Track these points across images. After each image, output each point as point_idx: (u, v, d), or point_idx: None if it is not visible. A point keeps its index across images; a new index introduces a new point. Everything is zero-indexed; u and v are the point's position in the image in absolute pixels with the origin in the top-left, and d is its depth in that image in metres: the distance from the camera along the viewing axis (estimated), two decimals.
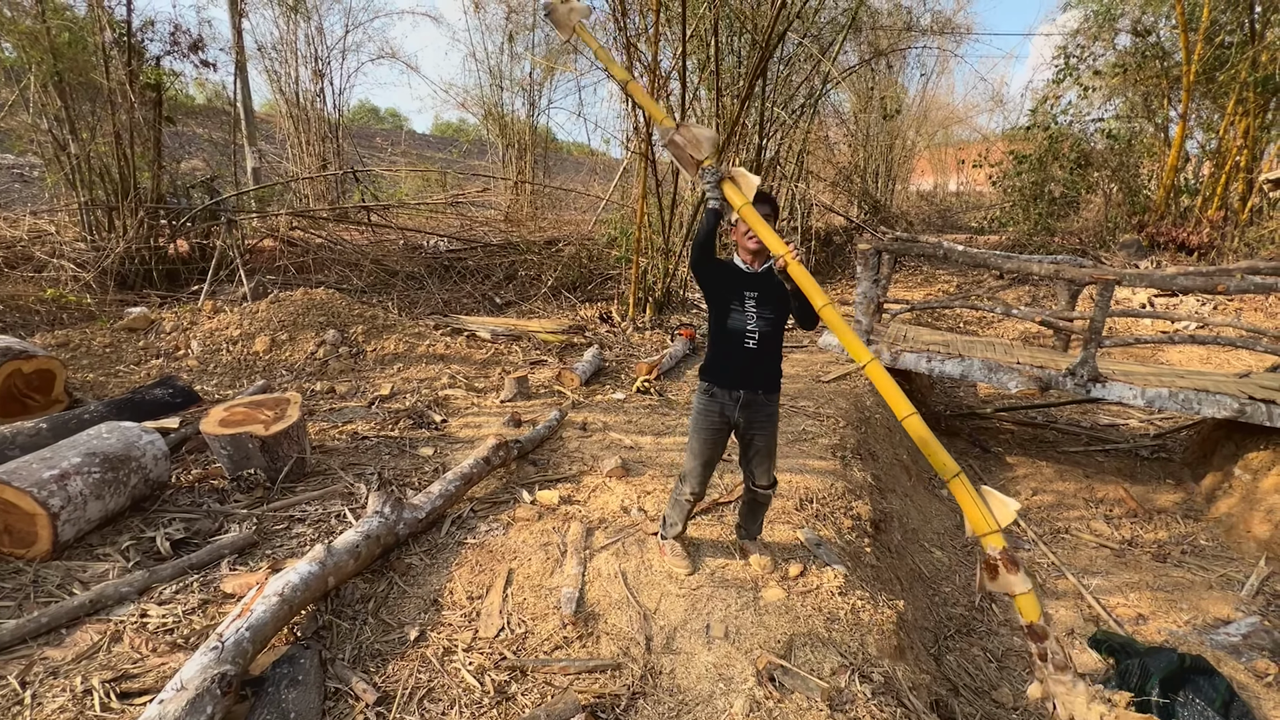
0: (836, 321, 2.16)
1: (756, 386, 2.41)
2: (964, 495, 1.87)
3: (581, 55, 11.55)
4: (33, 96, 6.72)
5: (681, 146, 2.35)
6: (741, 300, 2.38)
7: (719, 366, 2.45)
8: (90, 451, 2.77)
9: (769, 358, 2.41)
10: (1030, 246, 11.57)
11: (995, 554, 1.85)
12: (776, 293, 2.38)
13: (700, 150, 2.34)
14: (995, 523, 1.86)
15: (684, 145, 2.34)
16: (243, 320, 5.46)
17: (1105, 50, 12.02)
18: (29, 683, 1.94)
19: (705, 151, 2.33)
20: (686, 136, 2.34)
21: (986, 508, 1.86)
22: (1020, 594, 1.86)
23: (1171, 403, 4.71)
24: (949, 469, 1.91)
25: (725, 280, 2.40)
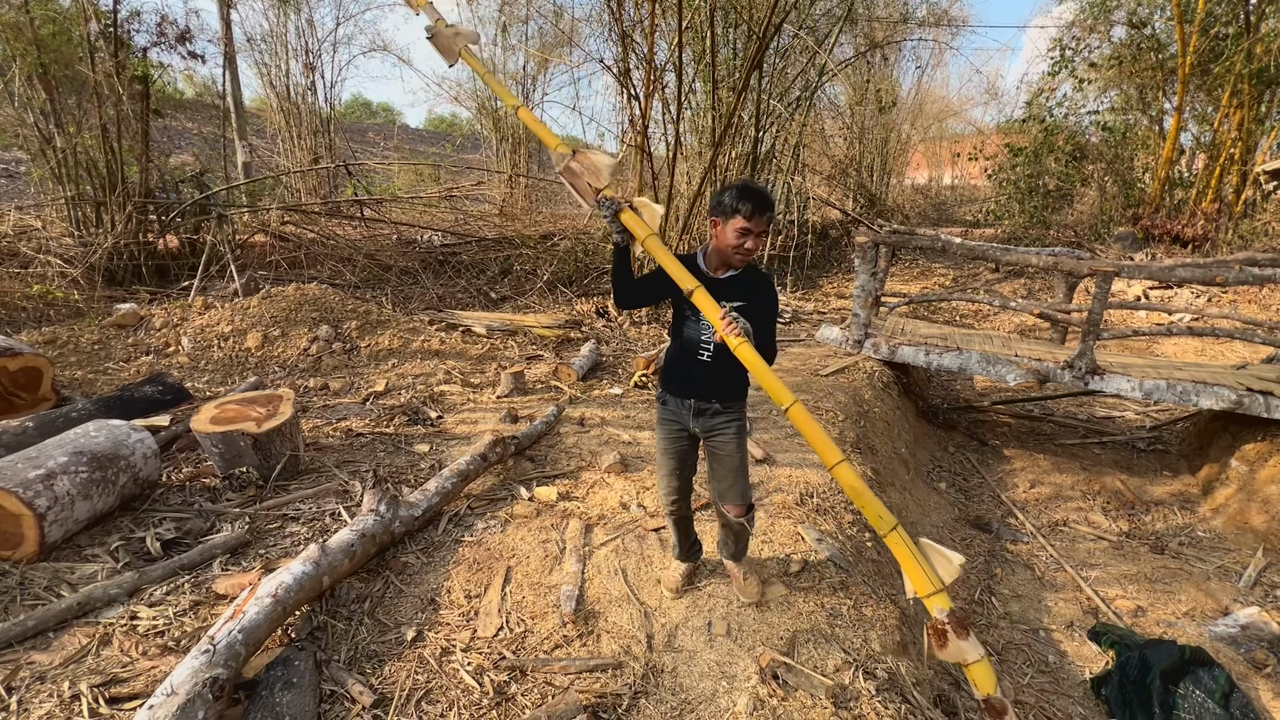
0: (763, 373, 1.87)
1: (711, 396, 2.14)
2: (902, 551, 1.66)
3: (577, 48, 11.45)
4: (17, 90, 6.59)
5: (578, 175, 2.09)
6: (696, 309, 2.02)
7: (670, 374, 2.23)
8: (78, 450, 2.71)
9: (728, 369, 2.06)
10: (1025, 240, 11.58)
11: (942, 617, 1.62)
12: (745, 295, 2.07)
13: (599, 178, 2.08)
14: (939, 581, 1.64)
15: (581, 173, 2.09)
16: (234, 316, 5.38)
17: (1101, 43, 12.01)
18: (15, 688, 1.89)
19: (604, 179, 2.08)
20: (584, 163, 2.09)
21: (929, 564, 1.65)
22: (972, 663, 1.62)
23: (1169, 395, 4.71)
24: (885, 521, 1.69)
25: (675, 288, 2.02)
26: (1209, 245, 10.13)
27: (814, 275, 11.25)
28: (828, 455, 1.77)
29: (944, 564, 1.67)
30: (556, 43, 12.22)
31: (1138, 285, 9.59)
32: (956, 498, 4.82)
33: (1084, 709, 2.83)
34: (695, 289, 1.91)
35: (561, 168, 2.13)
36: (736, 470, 2.21)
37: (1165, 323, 8.01)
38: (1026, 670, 3.05)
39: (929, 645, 1.67)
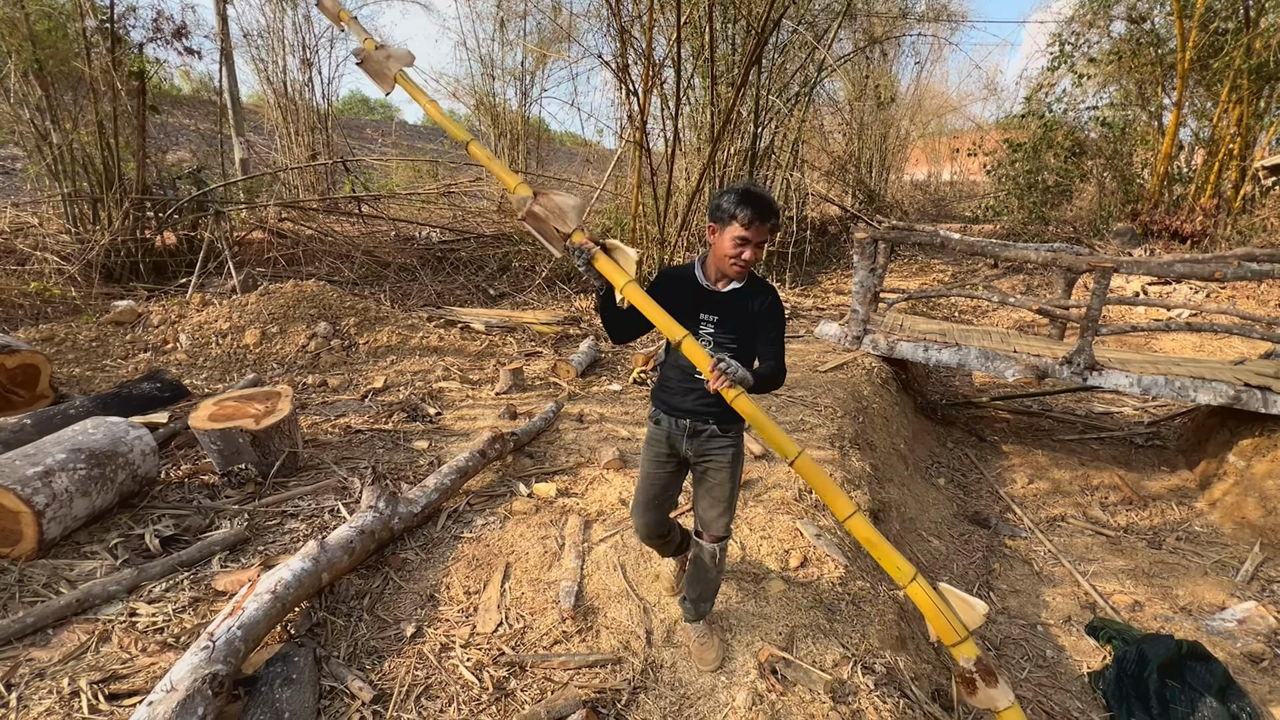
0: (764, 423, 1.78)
1: (708, 418, 1.98)
2: (924, 600, 1.62)
3: (575, 43, 11.41)
4: (13, 86, 6.56)
5: (543, 219, 1.93)
6: (696, 324, 1.91)
7: (664, 392, 2.06)
8: (76, 447, 2.71)
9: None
10: (1024, 235, 11.58)
11: (969, 665, 1.59)
12: (743, 316, 1.91)
13: (565, 221, 1.92)
14: (963, 628, 1.60)
15: (546, 217, 1.93)
16: (232, 313, 5.37)
17: (1100, 37, 11.98)
18: (14, 685, 1.89)
19: (571, 222, 1.92)
20: (548, 206, 1.93)
21: (951, 612, 1.61)
22: (1003, 710, 1.58)
23: (1167, 390, 4.71)
24: (904, 572, 1.64)
25: (673, 301, 1.86)
26: (1207, 241, 10.13)
27: (813, 271, 11.24)
28: (839, 508, 1.70)
29: (966, 610, 1.63)
30: (555, 38, 12.18)
31: (1136, 281, 9.60)
32: (955, 493, 4.83)
33: (1081, 703, 2.84)
34: (684, 338, 1.77)
35: (524, 213, 1.97)
36: (726, 500, 2.05)
37: (1164, 318, 8.02)
38: (1025, 665, 3.06)
39: (957, 692, 1.66)
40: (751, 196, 1.79)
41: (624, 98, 8.26)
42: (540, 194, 1.96)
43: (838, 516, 1.70)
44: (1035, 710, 2.76)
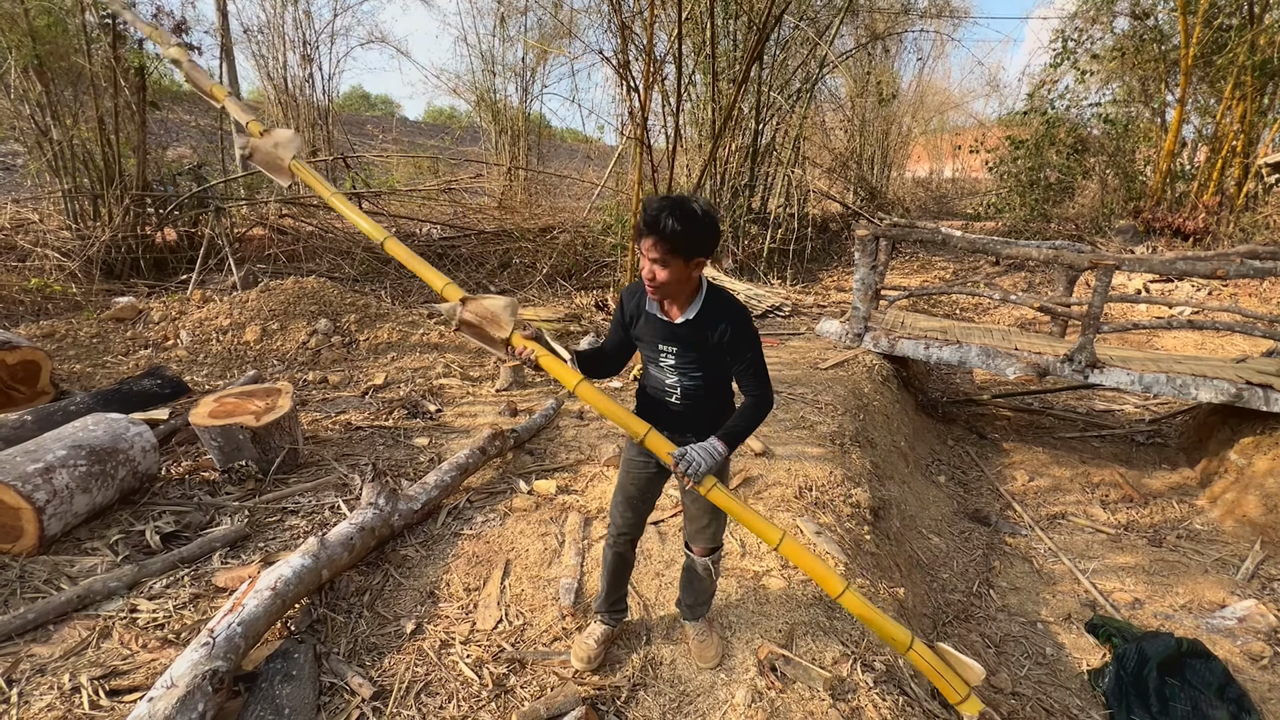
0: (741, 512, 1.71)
1: (686, 432, 1.83)
2: (925, 665, 1.64)
3: (576, 39, 11.38)
4: (13, 82, 6.54)
5: (477, 325, 1.81)
6: (656, 354, 1.80)
7: (641, 403, 1.97)
8: (76, 444, 2.71)
9: (704, 409, 1.84)
10: (1026, 233, 11.55)
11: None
12: (703, 347, 1.73)
13: (500, 325, 1.79)
14: (964, 686, 1.65)
15: (479, 322, 1.80)
16: (232, 310, 5.37)
17: (1103, 34, 11.93)
18: (15, 680, 1.90)
19: (507, 324, 1.80)
20: (478, 311, 1.81)
21: (952, 671, 1.64)
22: None
23: (1168, 388, 4.71)
24: (902, 640, 1.65)
25: (635, 325, 1.83)
26: (1210, 238, 10.10)
27: (814, 268, 11.22)
28: (831, 586, 1.68)
29: (966, 670, 1.65)
30: (556, 34, 12.14)
31: (1138, 278, 9.58)
32: (955, 491, 4.83)
33: (1081, 700, 2.84)
34: (646, 434, 1.71)
35: (455, 323, 1.84)
36: (710, 512, 1.94)
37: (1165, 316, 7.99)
38: (1024, 662, 3.06)
39: None
40: (647, 207, 1.60)
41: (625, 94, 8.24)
42: (468, 300, 1.84)
43: (830, 594, 1.68)
44: (1035, 708, 2.76)
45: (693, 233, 1.57)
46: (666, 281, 1.64)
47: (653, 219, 1.57)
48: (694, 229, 1.57)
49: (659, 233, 1.56)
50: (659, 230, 1.56)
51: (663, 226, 1.55)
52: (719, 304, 1.73)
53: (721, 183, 9.83)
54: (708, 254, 1.65)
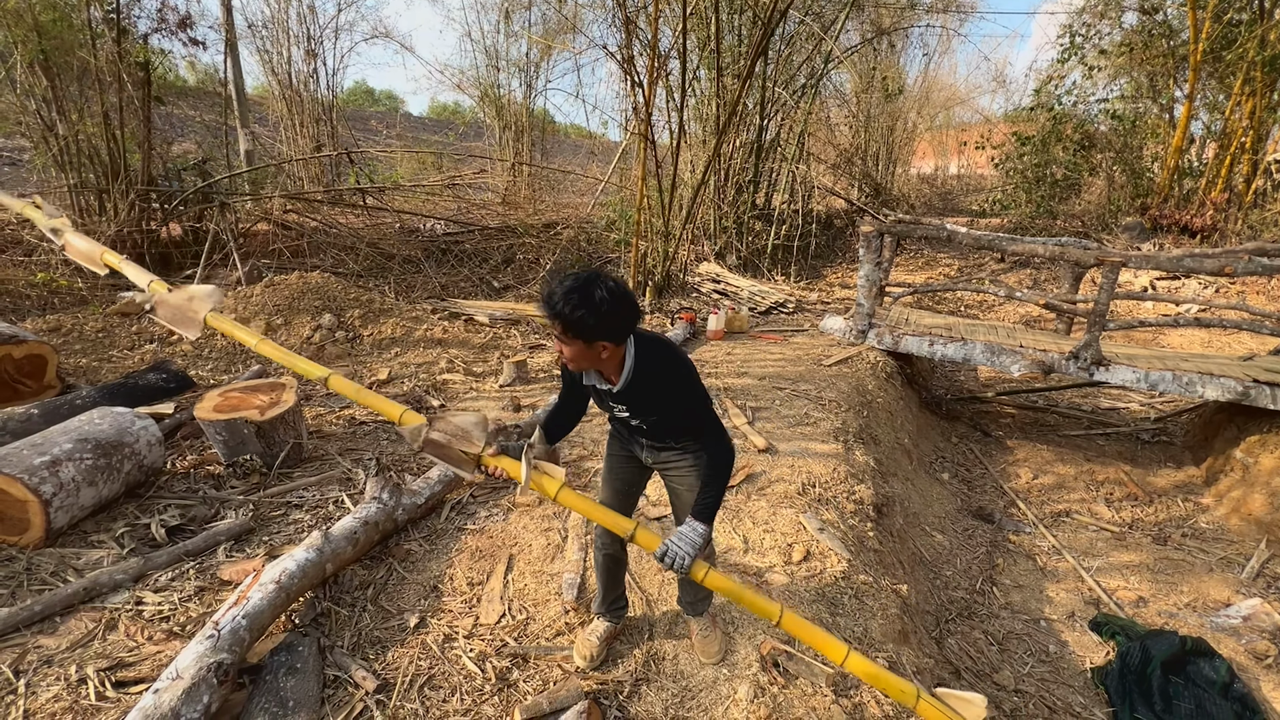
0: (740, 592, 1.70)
1: (665, 439, 1.87)
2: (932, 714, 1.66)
3: (580, 34, 11.34)
4: (19, 77, 6.56)
5: (446, 444, 1.74)
6: (610, 409, 1.83)
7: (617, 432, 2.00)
8: (82, 437, 2.72)
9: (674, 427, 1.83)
10: (1032, 229, 11.47)
11: None
12: (648, 403, 1.73)
13: (471, 441, 1.73)
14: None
15: (448, 442, 1.73)
16: (237, 305, 5.39)
17: (1111, 29, 11.82)
18: (23, 671, 1.91)
19: (477, 440, 1.74)
20: (447, 429, 1.74)
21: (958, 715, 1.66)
22: None
23: (1175, 386, 4.68)
24: (909, 693, 1.65)
25: (591, 397, 1.85)
26: (1218, 235, 10.02)
27: (818, 265, 11.19)
28: (834, 653, 1.67)
29: (968, 708, 1.66)
30: (560, 29, 12.10)
31: (1145, 276, 9.52)
32: (959, 488, 4.82)
33: (1084, 698, 2.84)
34: (634, 530, 1.70)
35: (420, 444, 1.76)
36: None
37: (1172, 313, 7.95)
38: (1027, 660, 3.06)
39: None
40: (544, 289, 1.58)
41: (629, 89, 8.21)
42: (436, 419, 1.77)
43: (834, 661, 1.67)
44: (1038, 705, 2.76)
45: (588, 320, 1.51)
46: (574, 357, 1.61)
47: (547, 299, 1.55)
48: (590, 316, 1.51)
49: (553, 314, 1.54)
50: (553, 312, 1.54)
51: (558, 310, 1.52)
52: (649, 369, 1.67)
53: (726, 178, 9.80)
54: (613, 338, 1.58)
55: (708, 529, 1.69)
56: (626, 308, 1.57)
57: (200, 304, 2.05)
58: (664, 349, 1.71)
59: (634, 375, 1.66)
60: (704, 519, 1.69)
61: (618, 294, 1.54)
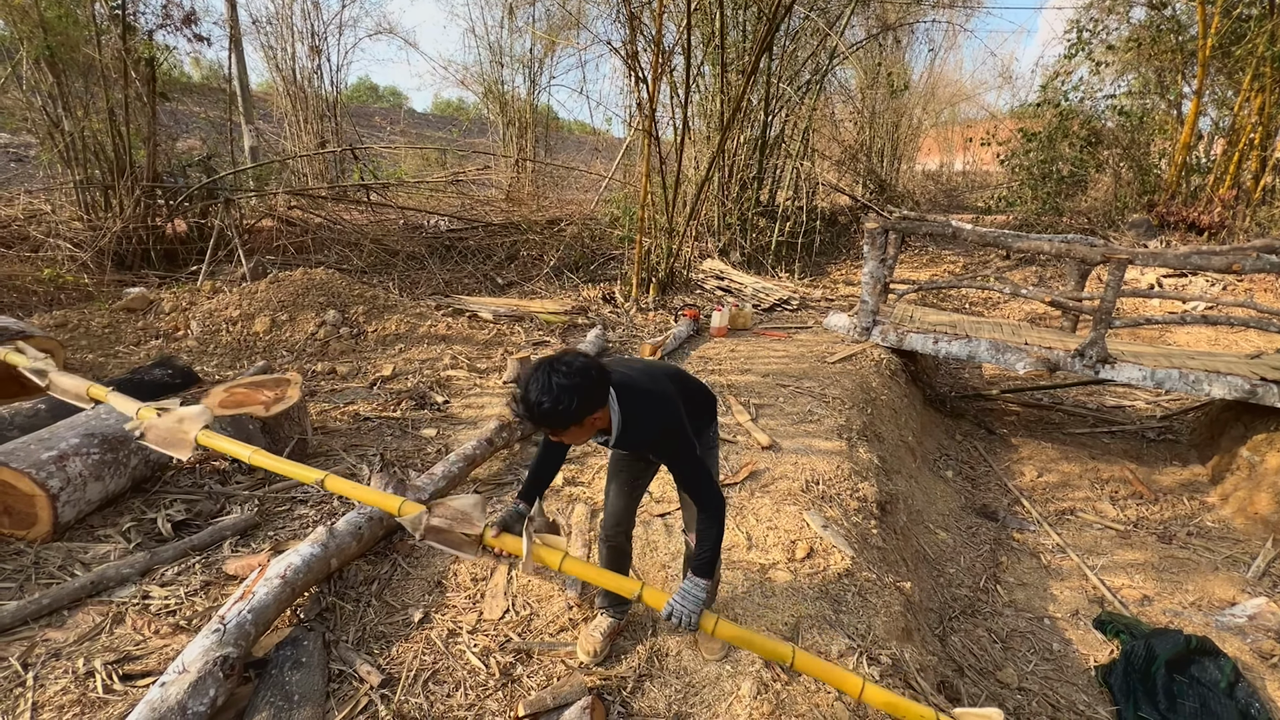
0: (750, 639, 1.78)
1: None
2: None
3: (584, 30, 11.31)
4: (25, 73, 6.58)
5: (447, 530, 1.77)
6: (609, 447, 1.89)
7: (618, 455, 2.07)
8: (89, 432, 2.74)
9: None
10: (1038, 226, 11.41)
11: None
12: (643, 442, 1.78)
13: (471, 522, 1.77)
14: None
15: (449, 527, 1.77)
16: (242, 301, 5.40)
17: (1119, 24, 11.73)
18: (31, 664, 1.93)
19: (477, 522, 1.77)
20: (446, 514, 1.78)
21: None
22: None
23: (1181, 384, 4.66)
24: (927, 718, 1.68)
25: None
26: (1225, 233, 9.95)
27: (822, 262, 11.16)
28: (850, 687, 1.70)
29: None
30: (564, 25, 12.07)
31: (1151, 273, 9.46)
32: (963, 486, 4.81)
33: (1088, 697, 2.83)
34: (641, 589, 1.75)
35: (422, 533, 1.79)
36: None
37: (1179, 311, 7.90)
38: (1031, 658, 3.06)
39: None
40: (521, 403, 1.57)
41: (633, 85, 8.19)
42: (434, 504, 1.79)
43: (850, 695, 1.70)
44: (1041, 703, 2.76)
45: (569, 409, 1.52)
46: (575, 438, 1.66)
47: (526, 414, 1.55)
48: (566, 405, 1.51)
49: (538, 422, 1.56)
50: (536, 420, 1.55)
51: (538, 417, 1.54)
52: (636, 422, 1.68)
53: (730, 175, 9.77)
54: (595, 408, 1.58)
55: (707, 582, 1.72)
56: (591, 378, 1.56)
57: (190, 424, 2.11)
58: (644, 397, 1.70)
59: (624, 425, 1.68)
60: (703, 574, 1.71)
61: (575, 369, 1.53)
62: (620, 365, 1.81)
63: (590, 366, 1.57)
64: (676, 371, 2.00)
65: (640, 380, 1.74)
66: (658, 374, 1.86)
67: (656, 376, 1.83)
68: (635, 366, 1.86)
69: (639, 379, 1.74)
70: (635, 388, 1.70)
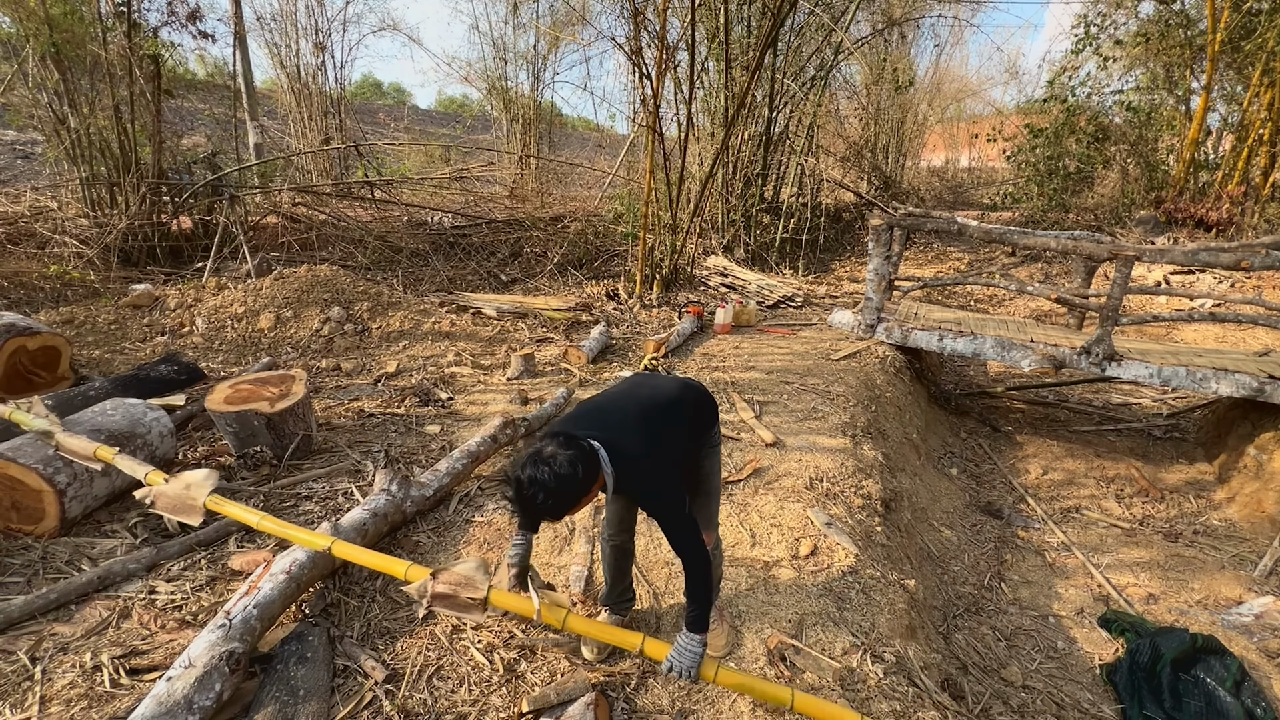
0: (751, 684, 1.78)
1: None
2: None
3: (588, 25, 11.29)
4: (31, 70, 6.60)
5: (452, 595, 1.79)
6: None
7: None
8: (95, 428, 2.75)
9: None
10: (1044, 223, 11.34)
11: None
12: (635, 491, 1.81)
13: (476, 586, 1.79)
14: None
15: (454, 592, 1.79)
16: (247, 297, 5.42)
17: (1127, 19, 11.62)
18: (38, 658, 1.94)
19: (481, 585, 1.79)
20: (451, 580, 1.80)
21: None
22: None
23: (1188, 382, 4.63)
24: None
25: None
26: (1234, 229, 9.87)
27: (826, 259, 11.12)
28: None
29: None
30: (568, 20, 12.04)
31: (1158, 270, 9.40)
32: (968, 483, 4.79)
33: (1093, 695, 2.82)
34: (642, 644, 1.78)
35: (428, 600, 1.80)
36: (706, 492, 2.06)
37: (1186, 308, 7.86)
38: (1035, 656, 3.05)
39: None
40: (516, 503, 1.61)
41: (637, 81, 8.17)
42: (438, 572, 1.83)
43: None
44: (1045, 701, 2.75)
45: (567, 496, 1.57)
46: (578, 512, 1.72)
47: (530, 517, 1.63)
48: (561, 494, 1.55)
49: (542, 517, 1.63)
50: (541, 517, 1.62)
51: (544, 514, 1.59)
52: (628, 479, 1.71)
53: (734, 171, 9.74)
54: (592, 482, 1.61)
55: (701, 634, 1.74)
56: (578, 476, 1.57)
57: (199, 490, 2.14)
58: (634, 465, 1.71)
59: (618, 480, 1.70)
60: (697, 629, 1.73)
61: (562, 465, 1.55)
62: (614, 414, 1.80)
63: (576, 460, 1.57)
64: (676, 395, 1.94)
65: (633, 446, 1.72)
66: (653, 417, 1.82)
67: (651, 421, 1.80)
68: (634, 408, 1.83)
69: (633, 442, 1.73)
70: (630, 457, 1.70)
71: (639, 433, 1.75)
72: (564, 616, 1.80)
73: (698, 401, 1.99)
